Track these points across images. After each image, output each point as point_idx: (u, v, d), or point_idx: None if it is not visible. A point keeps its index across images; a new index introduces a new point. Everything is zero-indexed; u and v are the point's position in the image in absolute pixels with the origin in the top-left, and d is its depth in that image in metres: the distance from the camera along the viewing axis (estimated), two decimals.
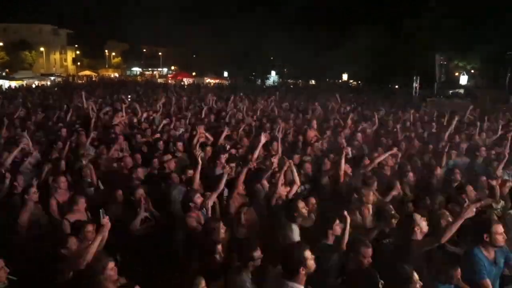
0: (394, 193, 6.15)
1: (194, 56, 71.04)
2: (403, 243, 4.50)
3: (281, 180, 5.96)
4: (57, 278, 4.11)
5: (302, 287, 3.52)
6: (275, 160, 7.26)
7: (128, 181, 6.69)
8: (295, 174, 6.20)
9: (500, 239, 4.19)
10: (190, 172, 6.57)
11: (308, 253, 3.57)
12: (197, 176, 6.15)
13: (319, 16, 45.91)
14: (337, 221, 4.54)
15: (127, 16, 70.72)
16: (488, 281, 4.06)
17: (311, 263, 3.55)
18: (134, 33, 77.37)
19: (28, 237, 5.19)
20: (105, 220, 4.29)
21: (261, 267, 4.04)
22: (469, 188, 6.00)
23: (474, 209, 4.31)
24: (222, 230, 4.60)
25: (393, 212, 5.10)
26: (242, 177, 6.07)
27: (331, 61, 46.76)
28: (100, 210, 4.37)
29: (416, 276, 3.54)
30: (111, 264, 3.78)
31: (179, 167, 7.38)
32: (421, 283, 3.56)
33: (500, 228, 4.22)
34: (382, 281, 3.47)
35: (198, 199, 5.32)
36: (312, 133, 10.80)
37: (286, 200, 5.68)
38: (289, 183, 6.21)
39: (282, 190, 5.91)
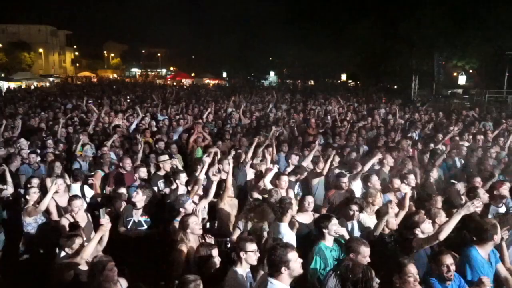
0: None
1: (193, 57, 70.98)
2: (405, 240, 4.56)
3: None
4: (58, 277, 4.09)
5: (285, 285, 3.42)
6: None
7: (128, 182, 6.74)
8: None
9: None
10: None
11: (292, 255, 3.43)
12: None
13: (317, 15, 45.77)
14: (333, 221, 4.55)
15: (126, 17, 70.84)
16: (486, 277, 4.07)
17: (296, 265, 3.43)
18: (133, 34, 77.61)
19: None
20: (105, 220, 4.27)
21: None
22: (481, 191, 5.92)
23: (472, 208, 4.31)
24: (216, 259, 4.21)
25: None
26: (230, 177, 6.08)
27: (330, 61, 46.74)
28: (100, 210, 4.37)
29: (411, 269, 3.56)
30: (111, 265, 3.76)
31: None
32: (417, 278, 3.56)
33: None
34: (377, 280, 3.47)
35: (189, 205, 5.23)
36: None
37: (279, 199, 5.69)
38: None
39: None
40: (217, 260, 4.07)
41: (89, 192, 6.68)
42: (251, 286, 3.99)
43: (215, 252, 4.05)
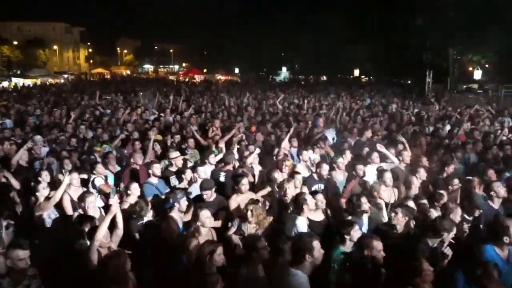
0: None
1: (205, 53, 71.03)
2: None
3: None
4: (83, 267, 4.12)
5: (305, 276, 3.57)
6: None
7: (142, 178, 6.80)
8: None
9: None
10: None
11: (316, 244, 3.65)
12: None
13: (330, 10, 45.43)
14: (356, 227, 4.48)
15: (138, 13, 71.18)
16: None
17: (318, 254, 3.63)
18: (146, 30, 78.01)
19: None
20: (114, 200, 4.23)
21: (269, 259, 4.08)
22: (497, 184, 5.67)
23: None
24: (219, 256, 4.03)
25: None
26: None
27: (342, 57, 46.38)
28: (111, 188, 4.30)
29: (426, 266, 3.52)
30: (124, 256, 3.77)
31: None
32: (431, 269, 3.54)
33: None
34: (384, 271, 3.47)
35: (184, 203, 5.21)
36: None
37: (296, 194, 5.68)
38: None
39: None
40: (221, 258, 3.99)
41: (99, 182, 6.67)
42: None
43: (219, 250, 4.00)
